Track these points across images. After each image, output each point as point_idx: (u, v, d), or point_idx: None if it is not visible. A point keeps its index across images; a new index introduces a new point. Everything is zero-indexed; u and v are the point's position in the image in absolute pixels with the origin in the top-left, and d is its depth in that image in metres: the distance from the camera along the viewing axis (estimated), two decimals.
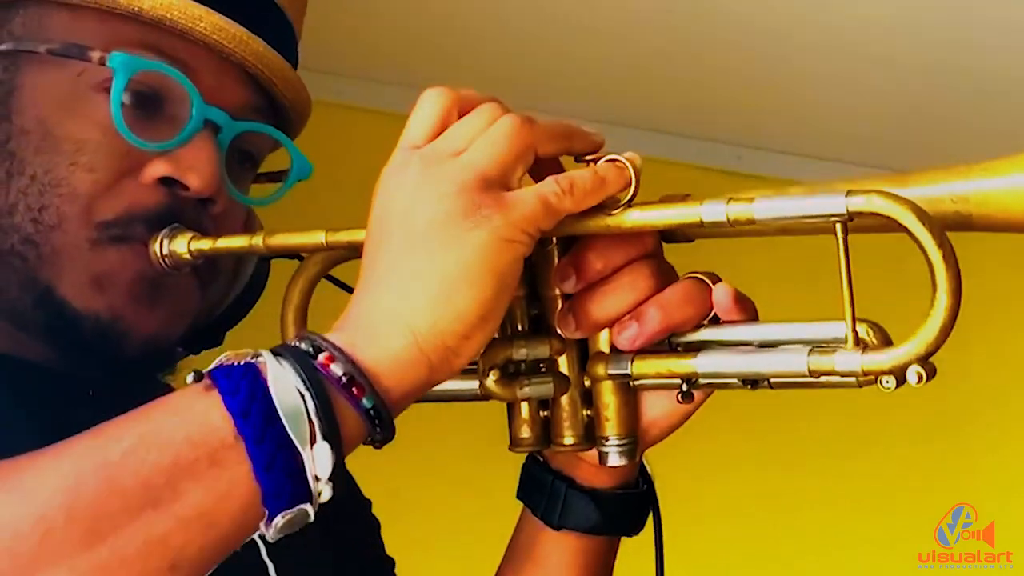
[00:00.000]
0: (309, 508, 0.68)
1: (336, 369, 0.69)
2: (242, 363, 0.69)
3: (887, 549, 3.18)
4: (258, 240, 0.89)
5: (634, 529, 0.92)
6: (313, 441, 0.67)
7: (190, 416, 0.67)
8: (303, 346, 0.70)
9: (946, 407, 3.31)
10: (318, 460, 0.67)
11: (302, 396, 0.67)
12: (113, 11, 0.90)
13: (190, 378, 0.69)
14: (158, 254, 0.89)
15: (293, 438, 0.66)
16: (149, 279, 0.90)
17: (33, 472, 0.64)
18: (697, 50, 2.72)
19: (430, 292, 0.71)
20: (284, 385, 0.67)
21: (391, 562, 1.08)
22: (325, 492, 0.68)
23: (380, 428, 0.71)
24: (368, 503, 1.09)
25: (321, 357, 0.69)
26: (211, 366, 0.69)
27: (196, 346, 1.01)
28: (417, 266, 0.72)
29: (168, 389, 0.96)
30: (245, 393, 0.67)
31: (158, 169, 0.90)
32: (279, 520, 0.67)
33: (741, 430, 3.09)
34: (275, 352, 0.69)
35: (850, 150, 3.09)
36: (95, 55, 0.88)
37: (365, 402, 0.69)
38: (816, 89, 2.87)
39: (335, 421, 0.68)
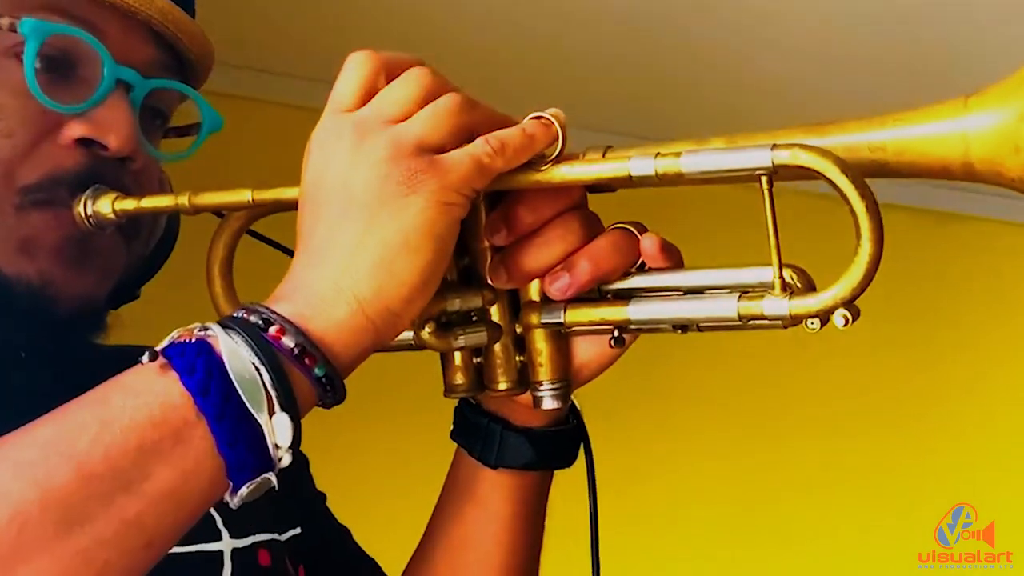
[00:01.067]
0: (272, 476, 0.68)
1: (288, 341, 0.68)
2: (194, 340, 0.67)
3: (887, 549, 3.11)
4: (184, 199, 0.87)
5: (567, 462, 0.92)
6: (272, 412, 0.67)
7: (150, 397, 0.66)
8: (253, 319, 0.69)
9: (946, 407, 3.29)
10: (278, 430, 0.67)
11: (257, 369, 0.67)
12: None
13: (144, 357, 0.68)
14: (83, 215, 0.87)
15: (252, 411, 0.66)
16: (76, 241, 0.88)
17: (1, 467, 0.63)
18: (670, 60, 2.74)
19: (372, 260, 0.71)
20: (239, 360, 0.67)
21: (322, 496, 1.08)
22: (285, 459, 0.68)
23: (332, 392, 0.71)
24: None
25: (272, 330, 0.68)
26: (163, 344, 0.68)
27: (115, 302, 0.98)
28: (357, 234, 0.71)
29: (101, 352, 0.95)
30: (202, 371, 0.66)
31: (75, 130, 0.87)
32: (244, 490, 0.67)
33: (741, 430, 3.05)
34: (225, 326, 0.68)
35: None
36: (4, 22, 0.85)
37: (317, 371, 0.69)
38: (787, 95, 2.86)
39: (291, 391, 0.68)
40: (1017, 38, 2.40)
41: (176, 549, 0.83)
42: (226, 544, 0.90)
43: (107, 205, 0.87)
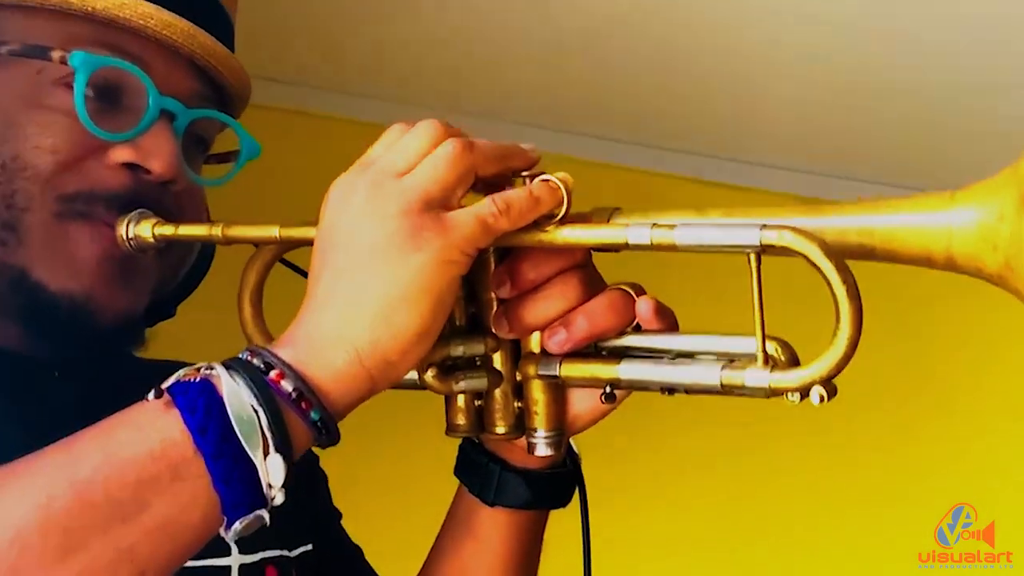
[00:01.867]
0: (264, 513, 0.69)
1: (286, 385, 0.69)
2: (198, 380, 0.69)
3: (887, 549, 3.03)
4: (217, 230, 0.89)
5: (562, 503, 0.93)
6: (267, 453, 0.68)
7: (152, 433, 0.67)
8: (255, 362, 0.70)
9: (947, 407, 3.19)
10: (271, 470, 0.68)
11: (255, 411, 0.68)
12: (67, 12, 0.90)
13: (151, 395, 0.69)
14: (124, 237, 0.89)
15: (248, 452, 0.67)
16: (117, 260, 0.90)
17: (5, 491, 0.64)
18: (667, 71, 2.68)
19: (371, 312, 0.72)
20: (238, 401, 0.68)
21: (337, 514, 1.10)
22: (278, 498, 0.69)
23: (326, 435, 0.72)
24: (316, 458, 1.09)
25: (272, 374, 0.70)
26: (169, 382, 0.69)
27: (152, 319, 1.00)
28: (359, 287, 0.72)
29: (138, 364, 0.97)
30: (202, 410, 0.67)
31: (121, 155, 0.90)
32: (237, 526, 0.68)
33: (742, 431, 2.93)
34: (228, 367, 0.69)
35: (800, 159, 3.06)
36: (56, 54, 0.88)
37: (312, 415, 0.70)
38: (770, 106, 2.83)
39: (287, 433, 0.69)
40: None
41: (186, 564, 0.86)
42: (235, 559, 0.91)
43: (147, 229, 0.89)
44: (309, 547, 1.01)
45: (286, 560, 0.97)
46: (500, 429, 0.86)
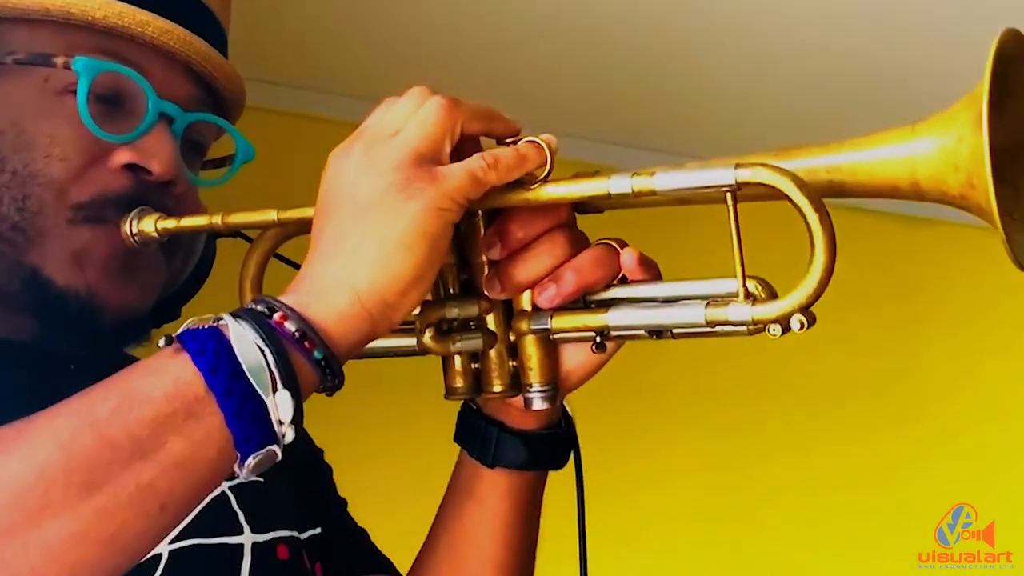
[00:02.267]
0: (276, 449, 0.70)
1: (290, 326, 0.71)
2: (206, 326, 0.70)
3: (887, 549, 3.00)
4: (217, 219, 0.91)
5: (559, 464, 0.94)
6: (275, 390, 0.69)
7: (165, 375, 0.68)
8: (259, 307, 0.72)
9: (947, 407, 3.19)
10: (281, 406, 0.69)
11: (262, 351, 0.69)
12: (69, 22, 0.92)
13: (162, 342, 0.71)
14: (129, 233, 0.91)
15: (257, 388, 0.68)
16: (122, 256, 0.92)
17: (31, 434, 0.65)
18: (655, 75, 2.75)
19: (371, 256, 0.73)
20: (245, 342, 0.69)
21: (343, 502, 1.10)
22: (289, 434, 0.70)
23: (331, 376, 0.73)
24: (320, 451, 1.11)
25: (276, 316, 0.71)
26: (179, 330, 0.71)
27: (158, 320, 1.02)
28: (360, 234, 0.74)
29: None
30: (211, 352, 0.68)
31: (123, 157, 0.92)
32: (251, 461, 0.68)
33: (744, 432, 2.95)
34: (235, 315, 0.71)
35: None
36: (59, 61, 0.90)
37: (316, 354, 0.71)
38: (752, 110, 2.88)
39: (292, 371, 0.70)
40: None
41: (200, 540, 0.86)
42: (247, 538, 0.92)
43: (151, 224, 0.91)
44: (318, 530, 1.01)
45: (296, 541, 0.97)
46: (497, 388, 0.87)
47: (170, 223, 0.92)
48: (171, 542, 0.84)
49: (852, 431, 3.08)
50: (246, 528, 0.92)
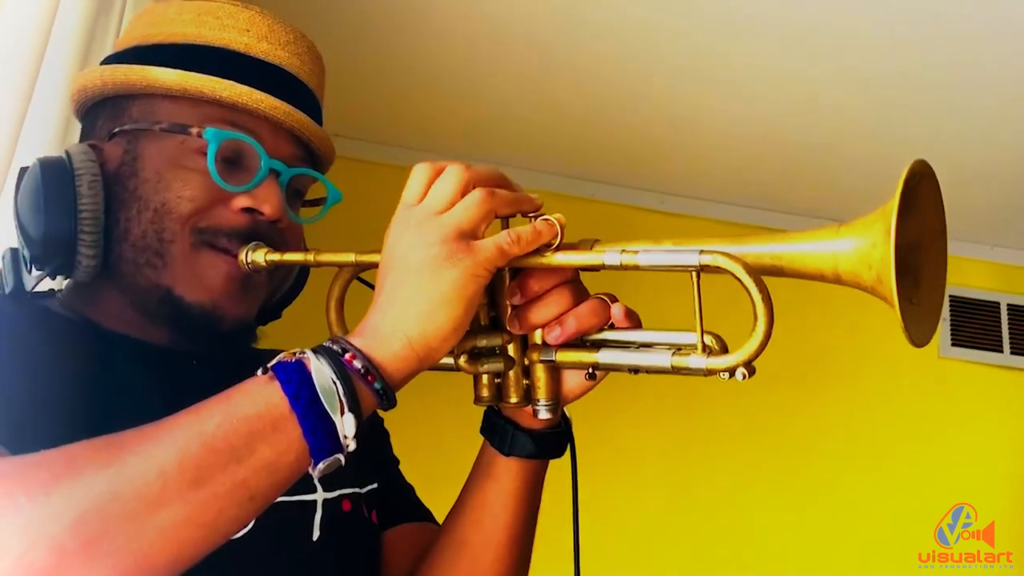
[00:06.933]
0: (341, 457, 0.72)
1: (357, 363, 0.73)
2: (293, 360, 0.73)
3: (887, 549, 2.68)
4: (311, 256, 0.93)
5: (558, 454, 0.95)
6: (342, 412, 0.71)
7: (259, 398, 0.70)
8: (335, 347, 0.74)
9: (947, 407, 2.91)
10: (346, 425, 0.71)
11: (335, 382, 0.71)
12: (202, 99, 0.95)
13: (260, 371, 0.73)
14: (244, 261, 0.94)
15: (329, 411, 0.71)
16: (238, 279, 0.94)
17: (153, 439, 0.68)
18: (638, 123, 2.77)
19: (420, 311, 0.75)
20: (322, 375, 0.71)
21: (396, 461, 1.12)
22: (351, 445, 0.72)
23: (387, 401, 0.75)
24: (381, 420, 1.12)
25: (347, 355, 0.73)
26: (272, 363, 0.73)
27: (264, 321, 1.05)
28: (411, 293, 0.76)
29: (250, 353, 1.00)
30: (296, 382, 0.71)
31: (242, 202, 0.95)
32: (321, 466, 0.71)
33: (744, 432, 2.74)
34: (315, 351, 0.73)
35: (739, 196, 3.09)
36: (194, 130, 0.93)
37: (376, 385, 0.74)
38: (719, 151, 2.88)
39: (357, 398, 0.72)
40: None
41: (282, 498, 0.87)
42: (319, 495, 0.94)
43: (261, 256, 0.94)
44: (375, 485, 1.03)
45: (358, 495, 0.99)
46: (513, 399, 0.89)
47: (276, 256, 0.94)
48: None
49: (853, 431, 2.81)
50: (318, 487, 0.95)
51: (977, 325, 3.12)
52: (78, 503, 0.63)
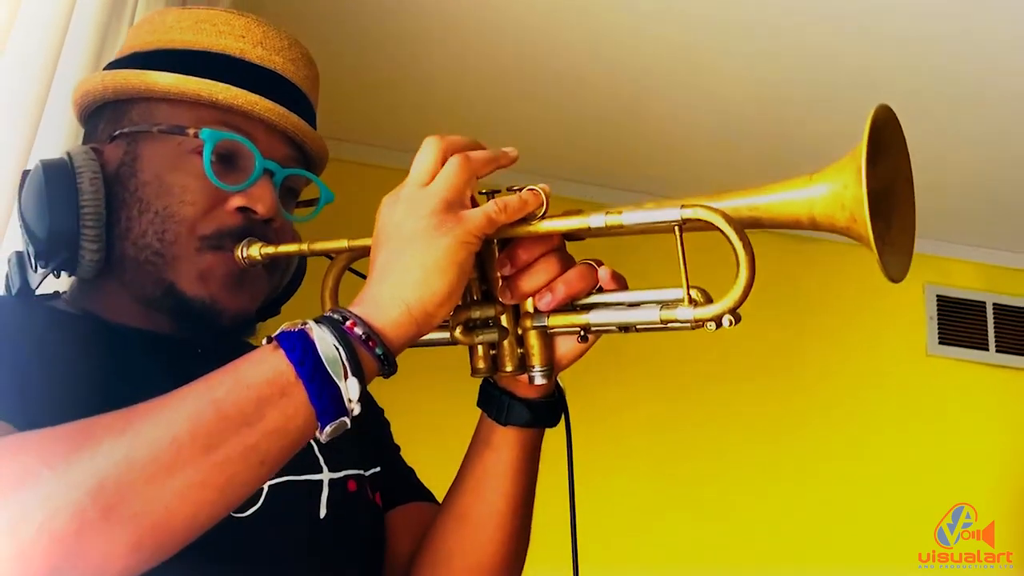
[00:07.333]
0: (347, 419, 0.73)
1: (358, 330, 0.75)
2: (296, 329, 0.74)
3: (887, 549, 2.63)
4: (305, 246, 0.94)
5: (554, 422, 0.96)
6: (346, 377, 0.72)
7: (266, 366, 0.72)
8: (336, 316, 0.75)
9: (935, 404, 2.88)
10: (351, 389, 0.73)
11: (337, 349, 0.73)
12: (199, 102, 0.96)
13: (264, 341, 0.74)
14: (240, 257, 0.95)
15: (333, 376, 0.72)
16: (236, 274, 0.95)
17: (167, 408, 0.69)
18: (629, 131, 2.80)
19: (415, 278, 0.77)
20: (325, 343, 0.73)
21: (397, 447, 1.13)
22: (356, 409, 0.73)
23: (388, 366, 0.76)
24: (381, 410, 1.13)
25: (348, 323, 0.75)
26: (276, 332, 0.74)
27: (263, 316, 1.05)
28: (406, 262, 0.77)
29: (249, 346, 1.00)
30: (300, 349, 0.72)
31: (237, 201, 0.96)
32: (328, 429, 0.72)
33: (746, 433, 2.67)
34: (317, 320, 0.75)
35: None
36: (191, 131, 0.94)
37: (377, 350, 0.75)
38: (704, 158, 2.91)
39: (359, 363, 0.73)
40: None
41: (290, 477, 0.89)
42: (325, 476, 0.95)
43: (256, 251, 0.95)
44: (378, 469, 1.04)
45: (362, 477, 1.00)
46: (509, 368, 0.90)
47: (270, 249, 0.95)
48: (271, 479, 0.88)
49: (853, 431, 2.75)
50: (324, 468, 0.95)
51: (964, 324, 3.17)
52: (96, 471, 0.65)
